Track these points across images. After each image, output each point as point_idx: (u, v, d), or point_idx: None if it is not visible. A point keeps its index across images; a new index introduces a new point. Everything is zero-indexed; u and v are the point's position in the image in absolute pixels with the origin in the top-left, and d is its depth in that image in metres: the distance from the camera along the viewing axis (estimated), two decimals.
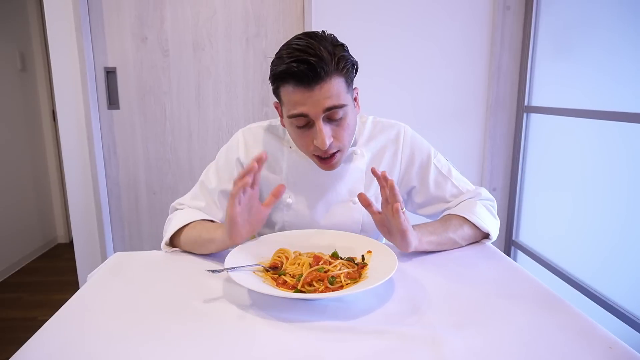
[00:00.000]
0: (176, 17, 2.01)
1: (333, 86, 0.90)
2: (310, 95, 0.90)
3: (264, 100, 2.09)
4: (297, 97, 0.91)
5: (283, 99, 0.95)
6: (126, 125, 2.08)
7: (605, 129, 1.59)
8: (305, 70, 0.87)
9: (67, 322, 0.73)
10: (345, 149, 0.99)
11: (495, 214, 1.09)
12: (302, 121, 0.94)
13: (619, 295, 1.51)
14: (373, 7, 1.98)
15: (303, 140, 0.97)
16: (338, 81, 0.91)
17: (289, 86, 0.91)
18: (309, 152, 0.98)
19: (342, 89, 0.93)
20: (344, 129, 0.96)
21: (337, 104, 0.92)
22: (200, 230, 0.98)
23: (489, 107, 2.09)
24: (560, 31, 1.88)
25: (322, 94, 0.90)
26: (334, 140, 0.95)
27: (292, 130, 0.98)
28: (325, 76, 0.89)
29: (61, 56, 1.95)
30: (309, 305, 0.77)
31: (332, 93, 0.90)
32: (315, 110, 0.91)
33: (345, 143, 0.98)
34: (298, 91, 0.90)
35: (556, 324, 0.71)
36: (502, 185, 2.16)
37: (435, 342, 0.65)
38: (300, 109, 0.91)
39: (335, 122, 0.95)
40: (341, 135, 0.96)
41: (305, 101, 0.90)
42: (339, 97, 0.92)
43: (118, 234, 2.18)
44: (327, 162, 0.98)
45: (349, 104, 0.96)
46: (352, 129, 0.99)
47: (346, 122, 0.96)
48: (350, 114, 0.97)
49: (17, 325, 2.30)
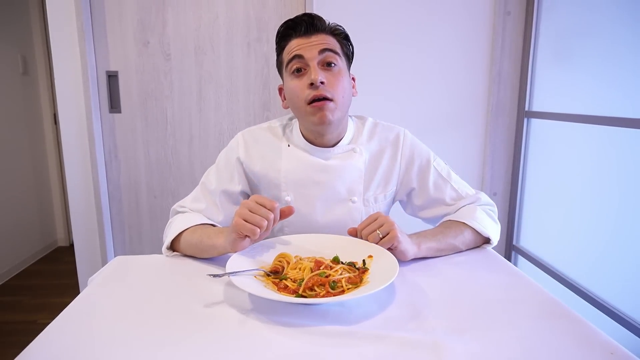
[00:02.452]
0: (178, 22, 2.01)
1: (328, 38, 1.02)
2: (307, 42, 1.00)
3: (265, 104, 2.10)
4: (295, 45, 1.01)
5: (285, 56, 1.04)
6: (127, 128, 2.09)
7: (605, 134, 1.59)
8: (305, 20, 1.00)
9: (68, 326, 0.73)
10: (338, 102, 1.01)
11: (495, 219, 1.09)
12: (299, 64, 1.00)
13: (620, 301, 1.50)
14: (374, 14, 1.99)
15: (298, 89, 1.01)
16: (333, 40, 1.03)
17: (290, 40, 1.02)
18: (303, 101, 1.00)
19: (337, 46, 1.03)
20: (337, 80, 1.01)
21: (332, 48, 1.01)
22: (201, 235, 0.98)
23: (489, 112, 2.09)
24: (560, 36, 1.89)
25: (318, 40, 1.00)
26: (327, 86, 0.99)
27: (290, 83, 1.03)
28: (322, 29, 1.02)
29: (63, 60, 1.96)
30: (310, 309, 0.77)
31: (327, 41, 1.01)
32: (311, 52, 0.99)
33: (339, 95, 1.01)
34: (297, 40, 1.01)
35: (557, 330, 0.71)
36: (502, 190, 2.16)
37: (436, 347, 0.65)
38: (297, 51, 1.00)
39: (329, 72, 1.01)
40: (334, 84, 1.00)
41: (303, 46, 1.00)
42: (334, 46, 1.02)
43: (119, 238, 2.18)
44: (318, 105, 0.99)
45: (343, 65, 1.03)
46: (345, 87, 1.03)
47: (341, 76, 1.02)
48: (345, 76, 1.03)
49: (17, 328, 2.30)
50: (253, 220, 0.84)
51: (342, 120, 1.05)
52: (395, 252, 0.92)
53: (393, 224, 0.91)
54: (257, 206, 0.86)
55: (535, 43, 2.00)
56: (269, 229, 0.87)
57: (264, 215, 0.85)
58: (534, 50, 2.00)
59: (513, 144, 2.12)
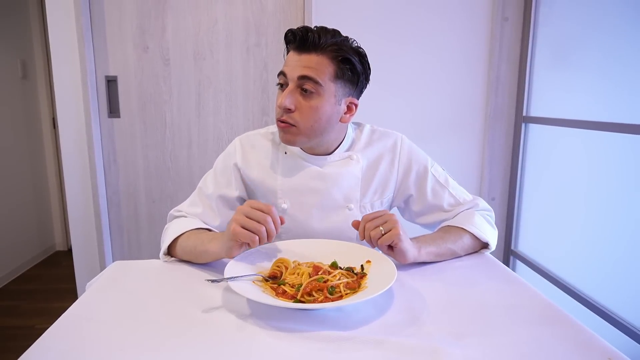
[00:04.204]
0: (177, 27, 2.02)
1: (320, 61, 0.96)
2: (296, 59, 0.98)
3: (264, 109, 2.10)
4: (287, 58, 1.00)
5: None
6: (126, 133, 2.09)
7: (603, 139, 1.60)
8: (301, 34, 0.96)
9: (66, 331, 0.73)
10: (303, 130, 0.99)
11: (493, 224, 1.10)
12: (282, 79, 1.00)
13: (618, 306, 1.51)
14: (372, 20, 2.00)
15: (276, 104, 1.02)
16: (325, 63, 0.96)
17: (289, 49, 1.01)
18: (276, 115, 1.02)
19: (325, 71, 0.96)
20: (309, 109, 0.98)
21: (312, 76, 0.95)
22: (195, 241, 0.98)
23: (487, 118, 2.10)
24: (558, 42, 1.90)
25: (306, 61, 0.96)
26: (295, 112, 0.98)
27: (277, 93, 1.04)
28: (313, 49, 0.96)
29: (62, 64, 1.96)
30: (308, 315, 0.77)
31: (312, 65, 0.96)
32: (292, 73, 0.97)
33: (305, 124, 0.98)
34: (291, 54, 0.99)
35: (555, 335, 0.71)
36: (500, 195, 2.17)
37: (435, 353, 0.65)
38: (284, 67, 1.00)
39: (304, 97, 0.98)
40: (304, 112, 0.98)
41: (290, 62, 0.98)
42: (317, 72, 0.96)
43: (117, 242, 2.18)
44: (280, 126, 1.00)
45: (326, 93, 0.98)
46: (319, 118, 0.98)
47: (315, 105, 0.97)
48: (324, 105, 0.98)
49: (15, 333, 2.29)
50: (251, 226, 0.84)
51: (315, 139, 1.02)
52: (395, 252, 0.92)
53: (397, 222, 0.91)
54: (252, 211, 0.86)
55: (533, 48, 2.01)
56: (272, 234, 0.86)
57: (261, 219, 0.85)
58: (532, 55, 2.01)
59: (511, 149, 2.13)
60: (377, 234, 0.90)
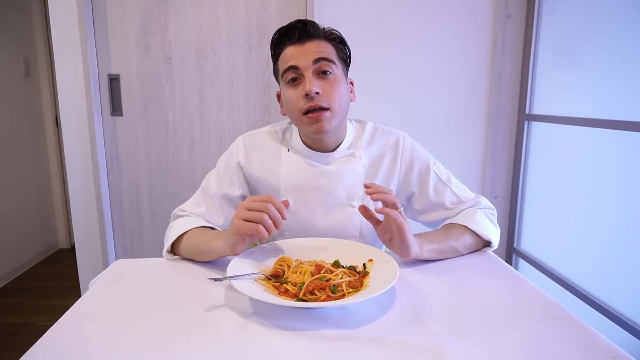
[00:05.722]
0: (180, 25, 2.02)
1: (323, 45, 1.00)
2: (301, 50, 0.98)
3: (266, 108, 2.10)
4: (289, 53, 0.99)
5: (280, 65, 1.02)
6: (129, 132, 2.09)
7: (606, 137, 1.59)
8: (299, 27, 0.98)
9: (69, 329, 0.73)
10: (335, 110, 1.00)
11: (495, 222, 1.09)
12: (294, 74, 0.99)
13: (621, 304, 1.50)
14: (375, 18, 1.99)
15: (294, 99, 1.00)
16: (328, 46, 1.00)
17: (285, 48, 1.00)
18: (299, 111, 0.99)
19: (332, 52, 1.00)
20: (333, 88, 0.99)
21: (327, 57, 0.98)
22: (199, 239, 0.98)
23: (490, 115, 2.09)
24: (561, 39, 1.89)
25: (312, 47, 0.98)
26: (323, 95, 0.98)
27: (286, 93, 1.02)
28: (316, 35, 0.99)
29: (65, 62, 1.97)
30: (310, 313, 0.77)
31: (321, 49, 0.99)
32: (305, 62, 0.97)
33: (335, 104, 0.99)
34: (291, 48, 0.99)
35: (558, 333, 0.71)
36: (503, 193, 2.16)
37: (437, 351, 0.65)
38: (291, 62, 0.98)
39: (324, 80, 0.99)
40: (329, 92, 0.99)
41: (297, 55, 0.98)
42: (328, 54, 0.99)
43: (120, 241, 2.18)
44: (314, 116, 0.98)
45: (339, 72, 1.01)
46: (342, 95, 1.01)
47: (336, 84, 1.00)
48: (342, 83, 1.02)
49: (17, 330, 2.30)
50: (253, 217, 0.84)
51: (340, 126, 1.05)
52: (399, 246, 0.91)
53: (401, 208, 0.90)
54: (253, 203, 0.86)
55: (536, 46, 2.00)
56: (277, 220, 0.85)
57: (262, 208, 0.84)
58: (535, 53, 2.00)
59: (514, 147, 2.12)
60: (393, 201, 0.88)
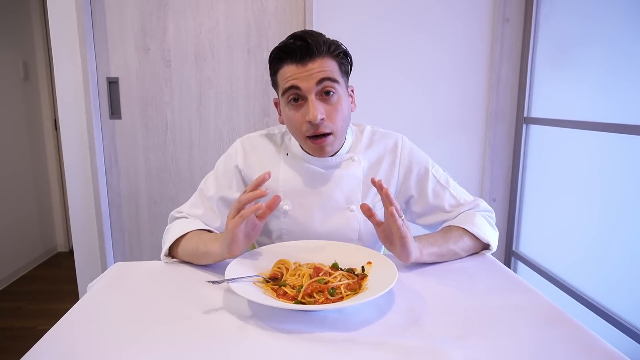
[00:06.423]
0: (179, 28, 2.02)
1: (326, 64, 0.96)
2: (303, 70, 0.95)
3: (265, 110, 2.10)
4: (291, 73, 0.96)
5: (280, 81, 0.99)
6: (128, 135, 2.09)
7: (604, 140, 1.60)
8: (300, 46, 0.94)
9: (67, 333, 0.73)
10: (338, 134, 1.00)
11: (494, 225, 1.10)
12: (295, 94, 0.97)
13: (619, 307, 1.50)
14: (373, 21, 2.00)
15: (296, 120, 0.99)
16: (331, 63, 0.97)
17: (285, 65, 0.96)
18: (302, 133, 0.99)
19: (335, 70, 0.98)
20: (336, 111, 0.98)
21: (330, 76, 0.96)
22: (197, 242, 0.98)
23: (488, 118, 2.10)
24: (559, 42, 1.90)
25: (315, 68, 0.95)
26: (326, 120, 0.97)
27: (287, 112, 1.00)
28: (318, 54, 0.95)
29: (64, 65, 1.97)
30: (309, 316, 0.77)
31: (325, 67, 0.96)
32: (308, 84, 0.95)
33: (338, 127, 0.99)
34: (293, 67, 0.95)
35: (557, 336, 0.71)
36: (502, 196, 2.16)
37: (436, 354, 0.65)
38: (293, 82, 0.96)
39: (328, 102, 0.98)
40: (333, 116, 0.98)
41: (299, 75, 0.95)
42: (332, 72, 0.96)
43: (118, 244, 2.18)
44: (318, 143, 0.98)
45: (342, 89, 0.99)
46: (345, 115, 1.00)
47: (339, 105, 0.99)
48: (344, 102, 1.00)
49: (15, 334, 2.29)
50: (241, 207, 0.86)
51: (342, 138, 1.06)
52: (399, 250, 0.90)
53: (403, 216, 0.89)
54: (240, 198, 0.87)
55: (534, 49, 2.01)
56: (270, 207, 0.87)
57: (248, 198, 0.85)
58: (533, 56, 2.01)
59: (512, 150, 2.12)
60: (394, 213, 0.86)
